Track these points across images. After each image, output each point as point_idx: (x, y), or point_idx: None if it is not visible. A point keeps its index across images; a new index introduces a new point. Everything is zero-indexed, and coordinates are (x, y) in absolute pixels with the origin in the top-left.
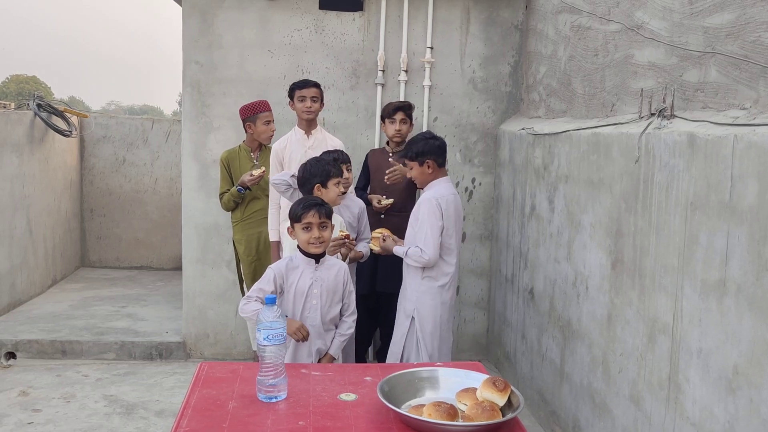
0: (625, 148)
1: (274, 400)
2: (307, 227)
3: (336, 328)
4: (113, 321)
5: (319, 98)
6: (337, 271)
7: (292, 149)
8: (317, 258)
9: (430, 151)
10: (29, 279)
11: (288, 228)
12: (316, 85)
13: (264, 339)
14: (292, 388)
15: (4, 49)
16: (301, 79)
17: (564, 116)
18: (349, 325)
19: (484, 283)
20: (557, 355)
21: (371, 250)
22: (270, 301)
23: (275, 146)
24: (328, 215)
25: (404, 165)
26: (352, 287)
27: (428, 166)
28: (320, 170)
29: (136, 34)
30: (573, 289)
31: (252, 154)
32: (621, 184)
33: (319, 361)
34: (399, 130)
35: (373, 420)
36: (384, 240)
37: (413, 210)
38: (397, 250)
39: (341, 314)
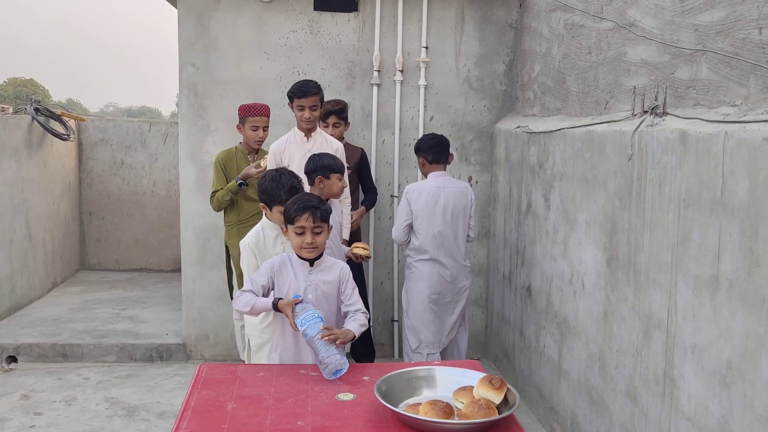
0: (618, 146)
1: (334, 376)
2: (301, 231)
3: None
4: (113, 323)
5: (319, 104)
6: (336, 273)
7: (291, 152)
8: (311, 261)
9: (420, 148)
10: (29, 283)
11: (282, 228)
12: (315, 93)
13: (299, 324)
14: (290, 388)
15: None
16: (300, 82)
17: (558, 114)
18: (362, 321)
19: (482, 281)
20: (555, 352)
21: (363, 256)
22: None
23: (273, 147)
24: (324, 218)
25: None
26: (353, 284)
27: (421, 162)
28: (321, 164)
29: (140, 26)
30: (569, 286)
31: (249, 156)
32: (615, 181)
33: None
34: (332, 134)
35: (371, 419)
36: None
37: None
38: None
39: (345, 314)
